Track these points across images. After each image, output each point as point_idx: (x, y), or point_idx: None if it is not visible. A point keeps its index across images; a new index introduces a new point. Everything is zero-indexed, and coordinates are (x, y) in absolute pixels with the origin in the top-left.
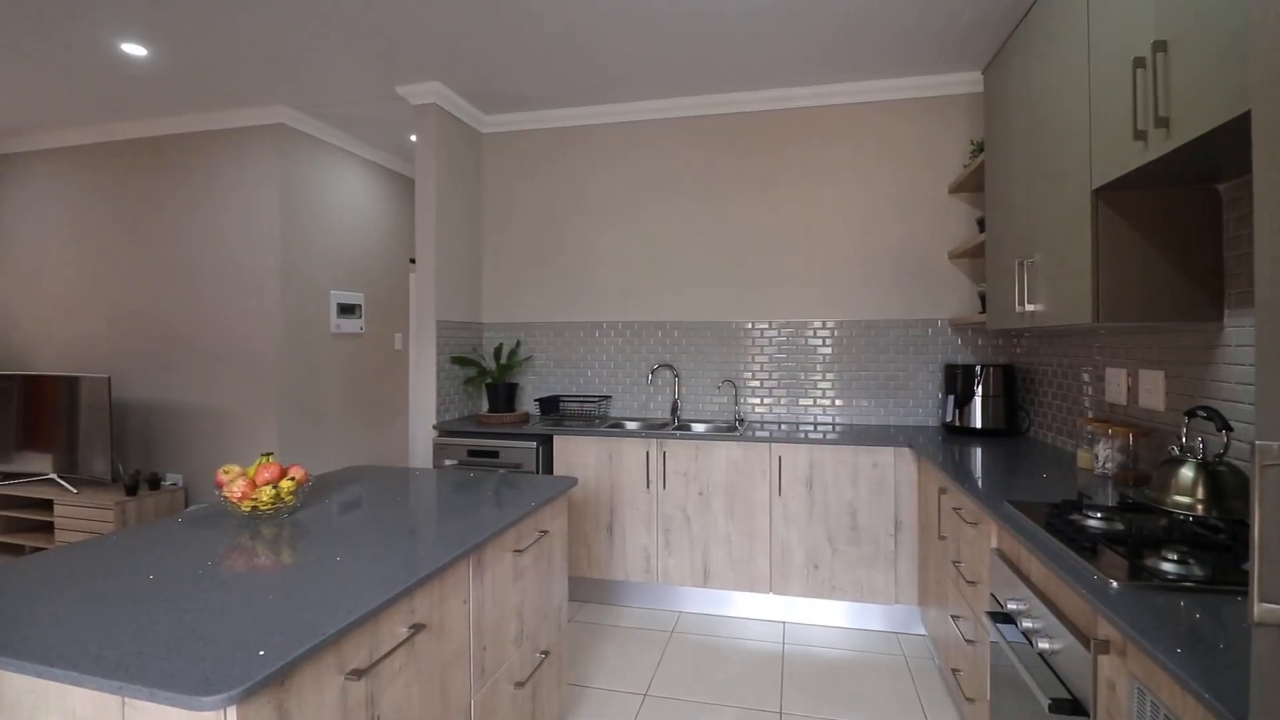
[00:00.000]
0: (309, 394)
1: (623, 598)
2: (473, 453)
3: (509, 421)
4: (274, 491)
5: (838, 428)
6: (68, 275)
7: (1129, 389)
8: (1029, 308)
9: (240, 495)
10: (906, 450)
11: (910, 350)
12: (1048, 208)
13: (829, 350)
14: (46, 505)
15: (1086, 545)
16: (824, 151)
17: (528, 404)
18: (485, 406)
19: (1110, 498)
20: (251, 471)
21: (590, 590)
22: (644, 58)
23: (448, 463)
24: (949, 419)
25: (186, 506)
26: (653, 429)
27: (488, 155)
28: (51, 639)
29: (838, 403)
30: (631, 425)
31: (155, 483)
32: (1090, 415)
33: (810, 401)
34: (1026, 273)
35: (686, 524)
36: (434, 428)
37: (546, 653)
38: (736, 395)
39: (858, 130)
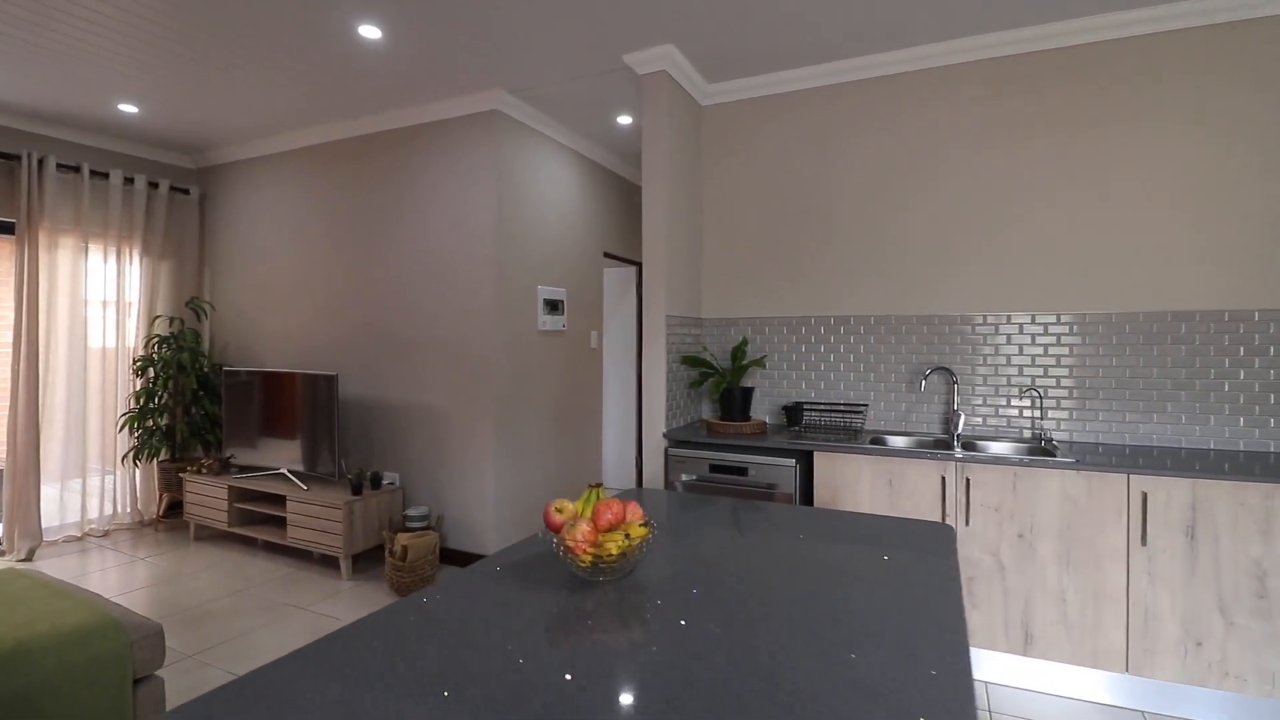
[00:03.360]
0: (520, 394)
1: None
2: (715, 468)
3: (748, 432)
4: (626, 542)
5: (1184, 452)
6: (295, 274)
7: None
8: None
9: (584, 544)
10: None
11: None
12: None
13: (1175, 349)
14: (279, 500)
15: None
16: (1165, 92)
17: (758, 410)
18: (708, 412)
19: None
20: (586, 509)
21: None
22: None
23: (684, 478)
24: None
25: (405, 508)
26: (932, 447)
27: (708, 130)
28: None
29: (1184, 420)
30: (898, 441)
31: (376, 482)
32: None
33: (1143, 417)
34: None
35: (999, 572)
36: (664, 436)
37: None
38: (1041, 407)
39: (1218, 59)
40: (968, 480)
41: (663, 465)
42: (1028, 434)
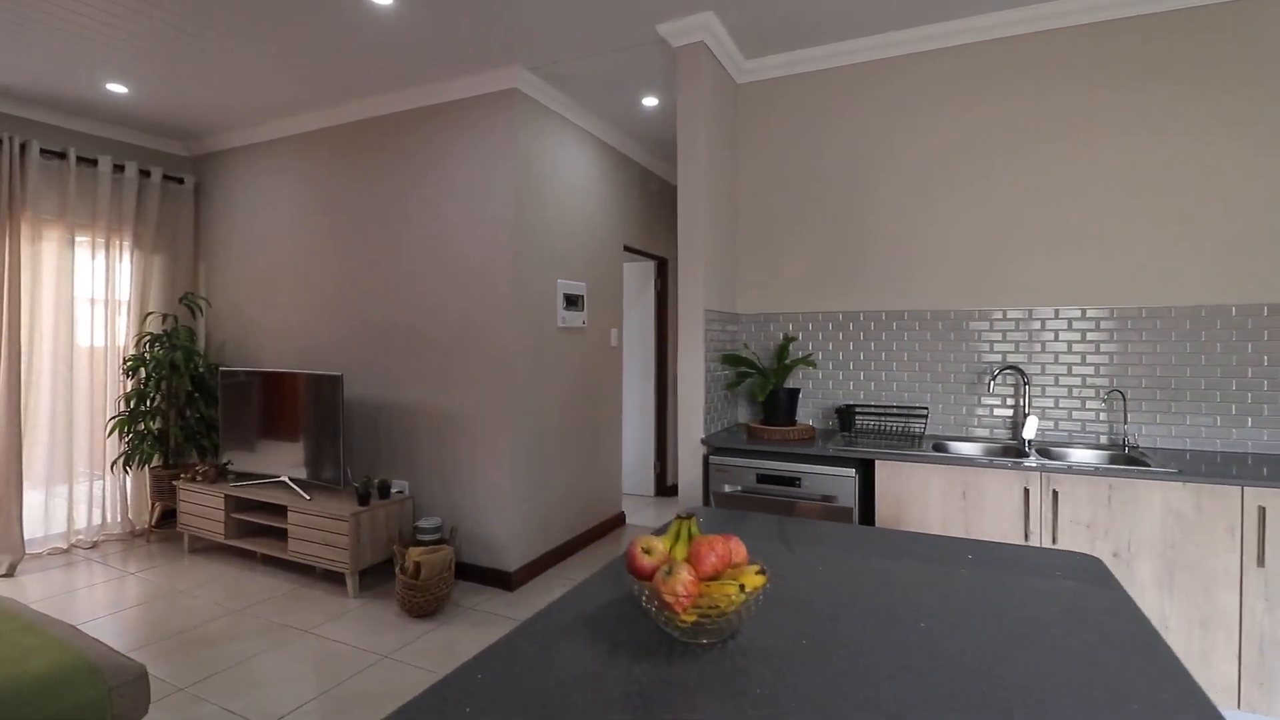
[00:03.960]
0: (539, 395)
1: None
2: (763, 478)
3: (795, 438)
4: (740, 596)
5: None
6: (296, 269)
7: None
8: None
9: (687, 599)
10: None
11: None
12: None
13: (1273, 346)
14: (280, 511)
15: None
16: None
17: (799, 414)
18: (745, 415)
19: None
20: (679, 549)
21: None
22: None
23: (727, 489)
24: None
25: (415, 519)
26: (1001, 454)
27: (743, 111)
28: None
29: None
30: (965, 448)
31: (384, 490)
32: None
33: (1235, 420)
34: None
35: None
36: (702, 443)
37: None
38: (1124, 410)
39: None
40: (1055, 493)
41: (701, 475)
42: (1104, 439)
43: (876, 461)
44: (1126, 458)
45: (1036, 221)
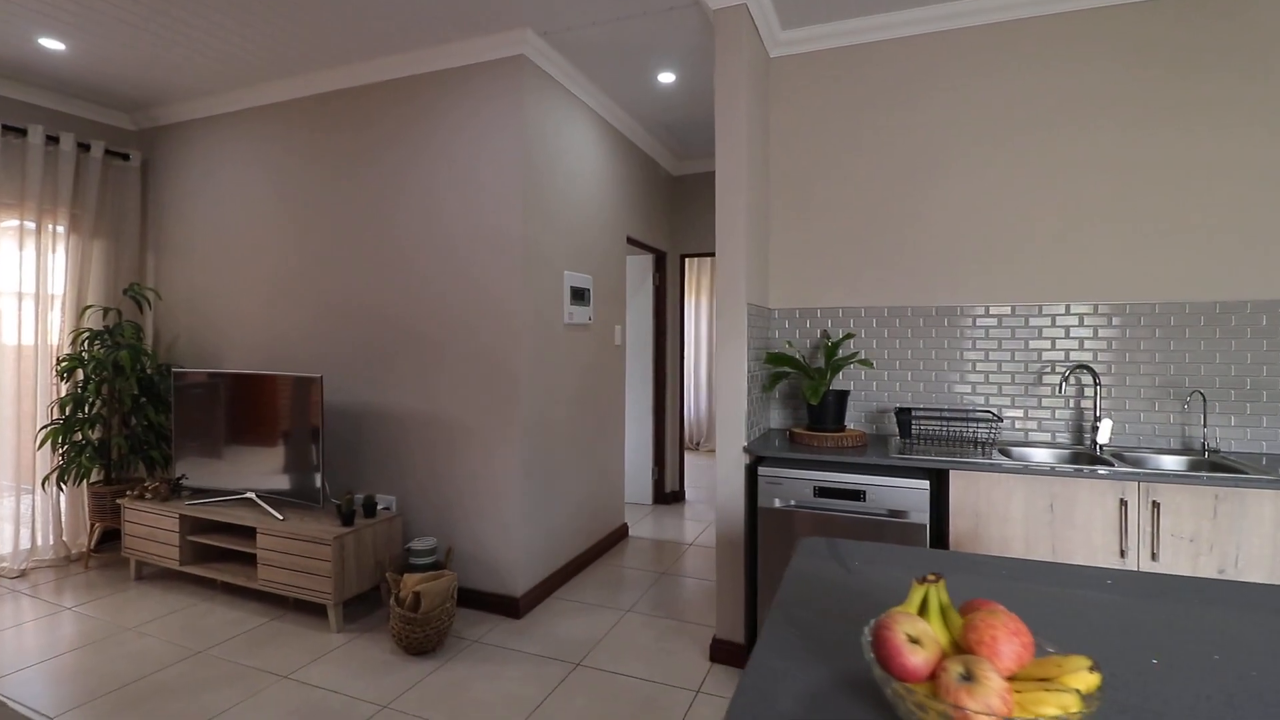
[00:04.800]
0: (545, 397)
1: None
2: (821, 491)
3: (849, 445)
4: (1086, 707)
5: None
6: (262, 257)
7: None
8: None
9: (1006, 710)
10: None
11: None
12: None
13: None
14: (247, 533)
15: None
16: None
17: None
18: (781, 419)
19: None
20: (941, 628)
21: None
22: None
23: (777, 503)
24: None
25: (406, 541)
26: (1072, 461)
27: (775, 88)
28: None
29: None
30: (1039, 455)
31: (370, 508)
32: None
33: None
34: None
35: None
36: (745, 451)
37: None
38: (1205, 412)
39: None
40: (1155, 504)
41: (743, 487)
42: (1174, 443)
43: (951, 472)
44: (1210, 463)
45: (1102, 210)
